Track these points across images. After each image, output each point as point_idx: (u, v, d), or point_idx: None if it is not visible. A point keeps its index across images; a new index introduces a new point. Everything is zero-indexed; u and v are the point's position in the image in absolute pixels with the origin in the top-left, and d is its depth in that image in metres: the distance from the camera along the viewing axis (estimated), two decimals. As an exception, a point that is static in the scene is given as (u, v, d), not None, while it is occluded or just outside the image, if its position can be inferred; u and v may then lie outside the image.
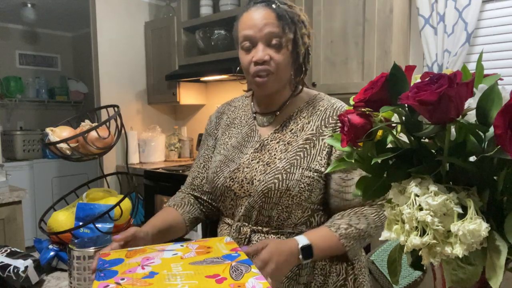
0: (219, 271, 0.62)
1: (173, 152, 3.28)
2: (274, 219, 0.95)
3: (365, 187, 0.57)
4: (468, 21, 1.85)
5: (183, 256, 0.68)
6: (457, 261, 0.51)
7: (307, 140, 0.96)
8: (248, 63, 0.95)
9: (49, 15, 3.99)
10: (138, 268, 0.64)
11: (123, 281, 0.60)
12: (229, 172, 0.99)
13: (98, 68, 3.02)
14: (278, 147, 0.97)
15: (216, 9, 2.82)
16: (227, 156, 1.03)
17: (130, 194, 1.13)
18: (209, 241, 0.76)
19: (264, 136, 1.01)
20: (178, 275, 0.61)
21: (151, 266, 0.64)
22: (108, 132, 1.10)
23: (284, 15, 0.93)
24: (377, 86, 0.53)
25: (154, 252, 0.71)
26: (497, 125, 0.43)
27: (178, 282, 0.58)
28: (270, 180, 0.93)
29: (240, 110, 1.11)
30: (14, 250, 1.00)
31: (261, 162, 0.97)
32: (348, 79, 2.12)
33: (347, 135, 0.55)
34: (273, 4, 0.94)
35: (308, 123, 0.98)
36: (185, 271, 0.62)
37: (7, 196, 2.06)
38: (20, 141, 3.81)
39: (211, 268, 0.63)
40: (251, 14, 0.94)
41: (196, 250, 0.71)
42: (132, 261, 0.67)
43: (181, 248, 0.72)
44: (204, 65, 2.79)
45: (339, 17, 2.12)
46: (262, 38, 0.92)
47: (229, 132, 1.08)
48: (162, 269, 0.63)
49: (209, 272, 0.62)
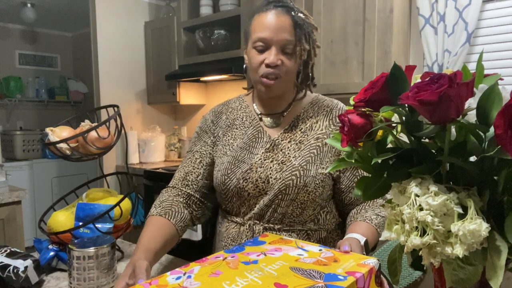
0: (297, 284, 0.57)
1: (173, 152, 3.28)
2: (288, 215, 0.99)
3: (365, 187, 0.57)
4: (468, 21, 1.85)
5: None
6: (457, 261, 0.51)
7: (318, 139, 1.01)
8: (258, 63, 0.96)
9: (49, 15, 3.99)
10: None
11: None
12: (242, 173, 1.00)
13: (98, 68, 3.02)
14: (291, 146, 1.01)
15: (216, 9, 2.82)
16: (235, 157, 1.03)
17: (130, 194, 1.13)
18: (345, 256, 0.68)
19: (274, 136, 1.04)
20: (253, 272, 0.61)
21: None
22: (108, 132, 1.10)
23: (301, 25, 0.95)
24: (377, 86, 0.53)
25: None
26: (497, 125, 0.43)
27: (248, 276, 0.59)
28: (287, 177, 0.97)
29: (239, 111, 1.11)
30: (14, 250, 1.00)
31: (275, 161, 1.00)
32: (348, 79, 2.12)
33: (347, 135, 0.55)
34: (292, 11, 0.95)
35: (316, 122, 1.03)
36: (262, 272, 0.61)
37: (7, 196, 2.06)
38: (20, 141, 3.81)
39: (295, 278, 0.59)
40: (269, 16, 0.94)
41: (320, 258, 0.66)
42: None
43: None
44: (204, 65, 2.79)
45: (339, 17, 2.12)
46: (277, 43, 0.94)
47: (231, 133, 1.08)
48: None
49: (287, 282, 0.58)
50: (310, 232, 1.01)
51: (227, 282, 0.58)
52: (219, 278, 0.60)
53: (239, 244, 0.75)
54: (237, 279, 0.59)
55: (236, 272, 0.62)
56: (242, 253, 0.70)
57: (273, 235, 0.81)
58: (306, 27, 0.96)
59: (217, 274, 0.61)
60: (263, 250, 0.70)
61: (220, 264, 0.66)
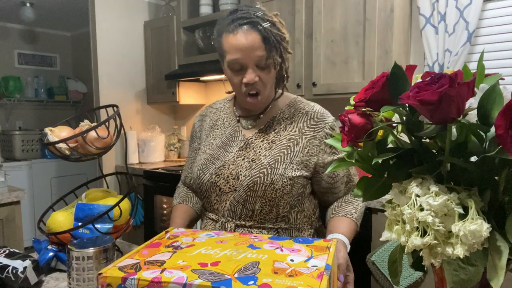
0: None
1: (173, 152, 3.28)
2: (257, 212, 1.03)
3: (366, 188, 0.57)
4: (469, 21, 1.85)
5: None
6: (458, 262, 0.51)
7: (290, 139, 1.05)
8: (238, 83, 1.02)
9: (48, 15, 3.98)
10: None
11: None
12: (215, 168, 1.07)
13: (97, 67, 3.02)
14: (263, 145, 1.06)
15: (215, 9, 2.82)
16: (212, 154, 1.11)
17: (130, 194, 1.13)
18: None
19: (248, 136, 1.09)
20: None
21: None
22: (107, 132, 1.09)
23: (269, 37, 0.97)
24: (377, 85, 0.53)
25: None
26: (498, 125, 0.43)
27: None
28: (255, 174, 1.01)
29: (222, 112, 1.18)
30: (13, 250, 0.99)
31: (246, 159, 1.05)
32: (348, 78, 2.11)
33: (348, 135, 0.55)
34: (258, 25, 0.96)
35: (290, 123, 1.07)
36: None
37: (6, 197, 2.06)
38: (19, 141, 3.81)
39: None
40: (238, 37, 0.97)
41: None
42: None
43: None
44: (204, 65, 2.79)
45: (340, 17, 2.12)
46: (251, 62, 0.98)
47: (213, 133, 1.16)
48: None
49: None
50: (280, 230, 1.05)
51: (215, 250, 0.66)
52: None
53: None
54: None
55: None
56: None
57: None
58: (274, 38, 0.98)
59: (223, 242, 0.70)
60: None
61: (232, 237, 0.73)
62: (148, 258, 0.64)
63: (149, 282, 0.57)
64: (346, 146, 0.56)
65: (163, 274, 0.58)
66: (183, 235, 0.76)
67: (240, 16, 0.98)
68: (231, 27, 0.98)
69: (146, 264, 0.62)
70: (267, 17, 0.99)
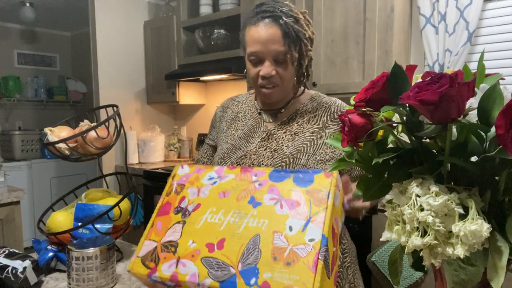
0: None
1: (173, 152, 3.27)
2: None
3: (366, 188, 0.57)
4: (469, 20, 1.84)
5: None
6: (458, 262, 0.51)
7: (314, 133, 1.05)
8: (255, 75, 1.02)
9: (48, 14, 3.98)
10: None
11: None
12: (236, 158, 1.07)
13: (97, 67, 3.01)
14: (285, 136, 1.06)
15: (216, 8, 2.82)
16: (234, 145, 1.11)
17: (129, 194, 1.13)
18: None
19: (270, 127, 1.10)
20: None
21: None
22: (107, 132, 1.09)
23: (290, 33, 0.97)
24: (378, 85, 0.53)
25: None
26: (498, 125, 0.42)
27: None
28: (277, 164, 1.02)
29: (243, 105, 1.19)
30: (13, 251, 0.99)
31: (268, 150, 1.05)
32: (348, 78, 2.11)
33: (348, 135, 0.55)
34: (280, 20, 0.97)
35: (314, 117, 1.08)
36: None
37: (6, 197, 2.06)
38: (19, 141, 3.80)
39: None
40: (259, 30, 0.98)
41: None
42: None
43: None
44: (204, 65, 2.78)
45: (340, 16, 2.12)
46: (269, 55, 0.98)
47: (234, 125, 1.16)
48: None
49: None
50: None
51: (221, 211, 0.69)
52: (220, 202, 0.70)
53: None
54: (229, 213, 0.68)
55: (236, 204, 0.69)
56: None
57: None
58: (295, 34, 0.97)
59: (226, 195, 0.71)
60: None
61: (234, 184, 0.73)
62: (163, 239, 0.69)
63: (169, 278, 0.65)
64: (346, 146, 0.56)
65: (179, 270, 0.64)
66: (188, 183, 0.77)
67: (264, 9, 0.99)
68: (254, 19, 0.99)
69: (162, 250, 0.68)
70: (292, 13, 0.99)
